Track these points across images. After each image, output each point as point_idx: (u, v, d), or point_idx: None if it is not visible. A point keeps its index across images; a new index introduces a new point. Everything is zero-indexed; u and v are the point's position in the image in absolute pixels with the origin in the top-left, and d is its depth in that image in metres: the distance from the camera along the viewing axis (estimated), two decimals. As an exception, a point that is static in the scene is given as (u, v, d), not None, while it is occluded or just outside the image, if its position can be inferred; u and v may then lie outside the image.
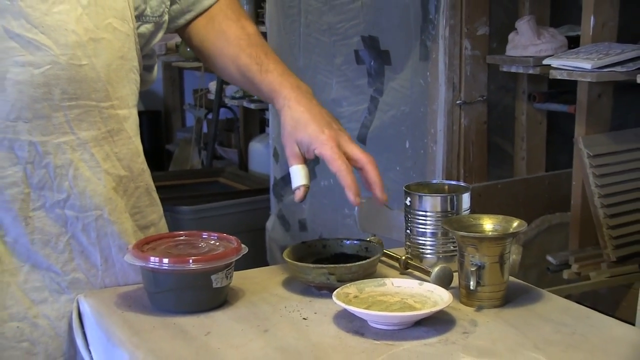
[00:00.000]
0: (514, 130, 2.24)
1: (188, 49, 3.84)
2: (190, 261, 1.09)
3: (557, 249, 2.00)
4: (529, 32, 2.02)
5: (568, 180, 1.97)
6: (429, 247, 1.23)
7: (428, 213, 1.22)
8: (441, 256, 1.22)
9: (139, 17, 1.22)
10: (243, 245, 1.15)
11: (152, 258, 1.09)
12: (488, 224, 1.15)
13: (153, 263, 1.08)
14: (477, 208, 1.26)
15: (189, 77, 4.84)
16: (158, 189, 1.30)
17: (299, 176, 1.18)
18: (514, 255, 1.15)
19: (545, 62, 1.92)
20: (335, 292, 1.07)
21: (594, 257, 1.89)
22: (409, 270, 1.22)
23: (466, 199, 1.23)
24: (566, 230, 2.02)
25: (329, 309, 1.09)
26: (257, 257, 2.80)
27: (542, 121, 2.23)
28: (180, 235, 1.19)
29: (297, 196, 1.18)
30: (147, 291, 1.12)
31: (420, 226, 1.23)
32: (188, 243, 1.17)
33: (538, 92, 2.19)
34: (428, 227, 1.22)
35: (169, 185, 3.41)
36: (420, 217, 1.23)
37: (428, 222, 1.22)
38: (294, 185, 1.19)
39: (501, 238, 1.11)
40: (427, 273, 1.16)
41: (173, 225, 1.37)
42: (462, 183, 1.31)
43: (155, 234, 1.21)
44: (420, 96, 2.19)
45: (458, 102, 2.12)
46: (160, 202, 1.30)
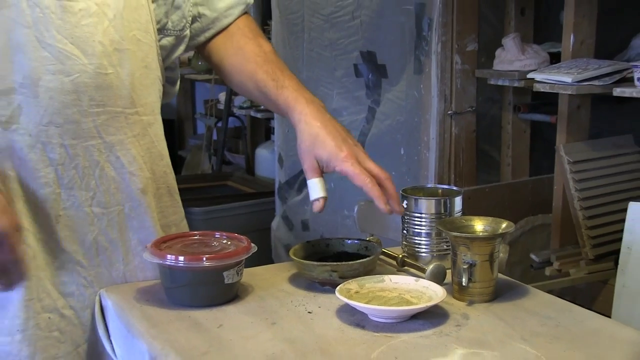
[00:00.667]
0: (501, 138, 2.24)
1: (200, 62, 3.84)
2: (204, 259, 1.08)
3: (540, 248, 2.00)
4: (514, 49, 2.02)
5: (550, 184, 1.97)
6: (424, 246, 1.22)
7: (423, 215, 1.22)
8: (435, 255, 1.22)
9: (161, 30, 1.22)
10: (252, 244, 1.15)
11: (169, 256, 1.08)
12: (479, 225, 1.15)
13: (170, 260, 1.08)
14: (467, 210, 1.25)
15: (200, 89, 4.83)
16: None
17: (317, 189, 1.17)
18: (503, 253, 1.14)
19: (529, 76, 1.92)
20: (337, 288, 1.07)
21: (574, 256, 1.88)
22: (406, 267, 1.22)
23: (458, 202, 1.23)
24: (548, 230, 2.02)
25: (332, 304, 1.09)
26: (263, 255, 2.80)
27: (526, 130, 2.22)
28: (194, 235, 1.19)
29: (316, 207, 1.18)
30: (164, 286, 1.12)
31: (416, 227, 1.23)
32: (202, 242, 1.16)
33: (523, 104, 2.19)
34: (423, 228, 1.22)
35: (182, 188, 3.36)
36: (416, 219, 1.22)
37: (423, 223, 1.22)
38: (313, 197, 1.18)
39: (491, 238, 1.10)
40: (423, 270, 1.16)
41: (188, 224, 1.37)
42: (455, 187, 1.30)
43: (171, 234, 1.20)
44: (414, 107, 2.19)
45: (449, 113, 2.11)
46: (182, 205, 1.30)
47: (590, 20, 1.88)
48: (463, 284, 1.10)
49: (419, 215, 1.22)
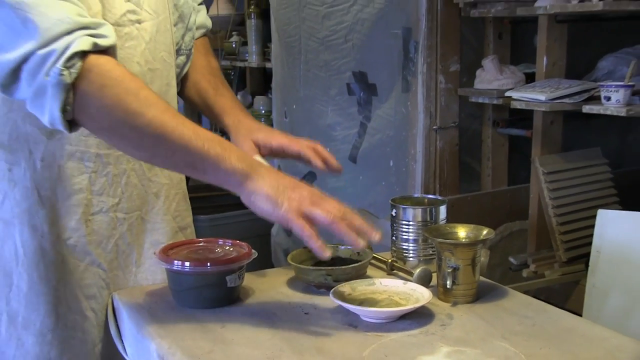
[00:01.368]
0: (481, 151, 2.24)
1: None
2: (208, 264, 1.08)
3: (518, 252, 2.00)
4: (493, 69, 2.03)
5: (526, 193, 1.97)
6: (412, 252, 1.22)
7: (410, 222, 1.21)
8: (422, 259, 1.21)
9: (177, 51, 1.23)
10: (253, 250, 1.14)
11: (176, 261, 1.08)
12: (462, 232, 1.14)
13: (177, 266, 1.07)
14: (451, 217, 1.25)
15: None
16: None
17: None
18: (484, 257, 1.14)
19: (507, 94, 1.92)
20: (332, 291, 1.06)
21: (548, 258, 1.88)
22: (395, 271, 1.22)
23: (443, 211, 1.22)
24: (525, 235, 2.01)
25: (327, 305, 1.08)
26: (264, 259, 2.78)
27: (505, 144, 2.22)
28: (199, 241, 1.18)
29: None
30: (171, 290, 1.11)
31: (404, 233, 1.22)
32: (206, 248, 1.15)
33: (501, 119, 2.19)
34: (410, 235, 1.21)
35: (190, 197, 3.38)
36: (404, 226, 1.22)
37: (410, 230, 1.21)
38: None
39: (473, 244, 1.10)
40: (410, 274, 1.15)
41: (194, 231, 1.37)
42: (439, 197, 1.30)
43: (178, 241, 1.19)
44: (402, 122, 2.19)
45: (434, 128, 2.11)
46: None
47: (561, 44, 1.89)
48: (447, 287, 1.09)
49: (407, 222, 1.21)
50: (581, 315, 1.54)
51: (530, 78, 2.02)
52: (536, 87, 1.85)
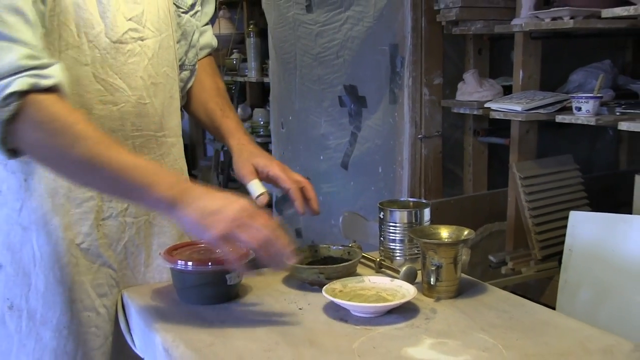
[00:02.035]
0: (463, 158, 2.24)
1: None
2: (209, 264, 1.07)
3: (497, 250, 2.00)
4: (474, 82, 2.03)
5: (504, 197, 1.97)
6: (398, 251, 1.21)
7: (397, 224, 1.21)
8: (408, 258, 1.21)
9: (181, 66, 1.23)
10: (250, 251, 1.13)
11: (180, 261, 1.07)
12: (444, 233, 1.14)
13: (180, 265, 1.07)
14: (435, 219, 1.25)
15: (210, 117, 4.83)
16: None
17: (258, 187, 1.17)
18: (465, 256, 1.13)
19: (486, 105, 1.92)
20: (324, 288, 1.05)
21: (525, 256, 1.88)
22: (383, 269, 1.21)
23: (427, 213, 1.22)
24: (503, 235, 2.01)
25: (320, 301, 1.07)
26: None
27: (484, 151, 2.22)
28: (201, 243, 1.17)
29: (261, 202, 1.16)
30: (176, 287, 1.10)
31: (391, 234, 1.22)
32: (208, 249, 1.15)
33: (481, 129, 2.19)
34: (397, 235, 1.21)
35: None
36: (391, 227, 1.21)
37: (397, 231, 1.21)
38: (255, 194, 1.16)
39: (455, 244, 1.10)
40: (397, 272, 1.15)
41: (198, 233, 1.36)
42: (424, 200, 1.30)
43: (182, 242, 1.19)
44: (390, 132, 2.19)
45: (419, 137, 2.11)
46: None
47: (535, 59, 1.89)
48: (431, 283, 1.09)
49: (394, 224, 1.21)
50: (554, 308, 1.54)
51: (507, 90, 2.02)
52: (513, 99, 1.85)
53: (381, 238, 1.24)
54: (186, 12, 1.20)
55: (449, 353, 0.90)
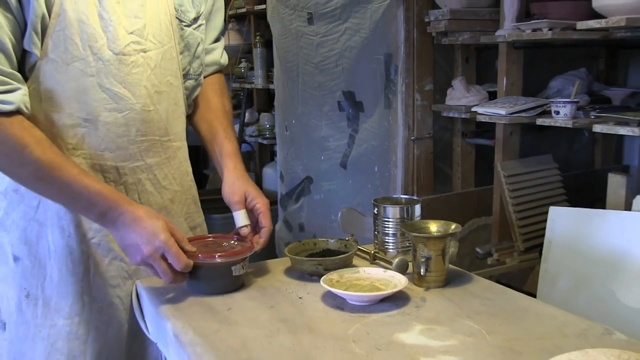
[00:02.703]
0: (452, 158, 2.23)
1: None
2: (216, 256, 1.06)
3: (483, 243, 1.99)
4: (461, 88, 2.02)
5: (490, 193, 1.96)
6: (391, 244, 1.21)
7: (390, 219, 1.20)
8: (400, 250, 1.20)
9: (185, 76, 1.22)
10: (255, 244, 1.13)
11: (203, 257, 1.06)
12: (434, 227, 1.13)
13: (190, 258, 1.06)
14: (426, 214, 1.24)
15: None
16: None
17: (243, 218, 1.15)
18: (453, 248, 1.13)
19: (473, 110, 1.91)
20: (322, 278, 1.05)
21: (509, 248, 1.87)
22: (377, 261, 1.21)
23: (418, 209, 1.21)
24: (489, 229, 2.01)
25: (318, 291, 1.07)
26: (268, 251, 2.77)
27: (472, 151, 2.21)
28: (209, 237, 1.17)
29: (244, 232, 1.15)
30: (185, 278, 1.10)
31: (384, 228, 1.21)
32: (215, 243, 1.14)
33: (468, 131, 2.18)
34: (390, 229, 1.20)
35: (206, 199, 3.34)
36: (384, 222, 1.21)
37: (390, 226, 1.20)
38: (240, 224, 1.15)
39: (443, 237, 1.09)
40: (390, 263, 1.14)
41: (209, 227, 1.36)
42: (415, 197, 1.29)
43: (191, 236, 1.18)
44: (385, 134, 2.18)
45: (412, 138, 2.10)
46: (202, 211, 1.29)
47: (518, 67, 1.89)
48: (421, 274, 1.08)
49: (387, 219, 1.20)
50: (536, 296, 1.53)
51: (492, 96, 2.01)
52: (497, 104, 1.84)
53: (375, 232, 1.23)
54: (189, 26, 1.19)
55: (437, 338, 0.89)
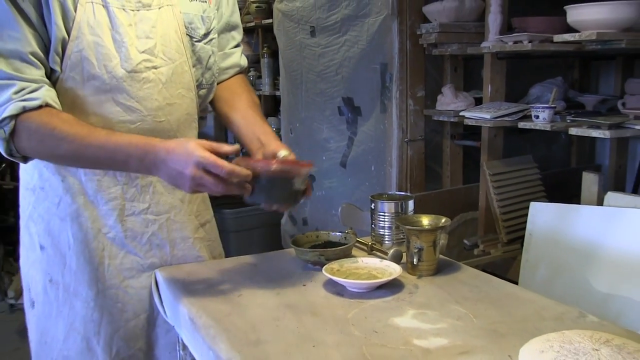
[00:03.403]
0: (442, 158, 2.23)
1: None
2: (284, 165, 0.97)
3: (470, 235, 1.98)
4: (450, 95, 2.02)
5: (477, 190, 1.96)
6: (387, 236, 1.21)
7: (386, 213, 1.20)
8: (395, 242, 1.20)
9: (198, 86, 1.21)
10: (312, 167, 1.03)
11: (261, 163, 0.97)
12: (425, 220, 1.13)
13: (261, 167, 0.97)
14: (418, 209, 1.24)
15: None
16: (210, 198, 1.28)
17: (288, 152, 1.07)
18: (443, 240, 1.13)
19: (461, 114, 1.91)
20: (324, 267, 1.05)
21: (493, 240, 1.87)
22: (374, 252, 1.20)
23: (411, 204, 1.21)
24: (476, 223, 2.00)
25: (320, 279, 1.07)
26: (275, 243, 2.77)
27: (460, 152, 2.21)
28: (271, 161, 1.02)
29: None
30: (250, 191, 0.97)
31: (381, 222, 1.21)
32: (280, 161, 1.02)
33: (457, 133, 2.18)
34: (386, 223, 1.20)
35: (217, 195, 3.35)
36: (380, 216, 1.21)
37: (386, 220, 1.20)
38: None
39: (434, 230, 1.09)
40: (385, 253, 1.14)
41: (220, 223, 1.34)
42: (408, 193, 1.29)
43: (256, 158, 1.09)
44: (381, 136, 2.18)
45: (405, 140, 2.10)
46: (211, 207, 1.28)
47: (501, 75, 1.89)
48: (414, 263, 1.08)
49: (383, 213, 1.20)
50: (517, 283, 1.53)
51: (478, 101, 2.01)
52: (483, 109, 1.84)
53: (372, 225, 1.23)
54: (199, 41, 1.17)
55: (429, 322, 0.89)
